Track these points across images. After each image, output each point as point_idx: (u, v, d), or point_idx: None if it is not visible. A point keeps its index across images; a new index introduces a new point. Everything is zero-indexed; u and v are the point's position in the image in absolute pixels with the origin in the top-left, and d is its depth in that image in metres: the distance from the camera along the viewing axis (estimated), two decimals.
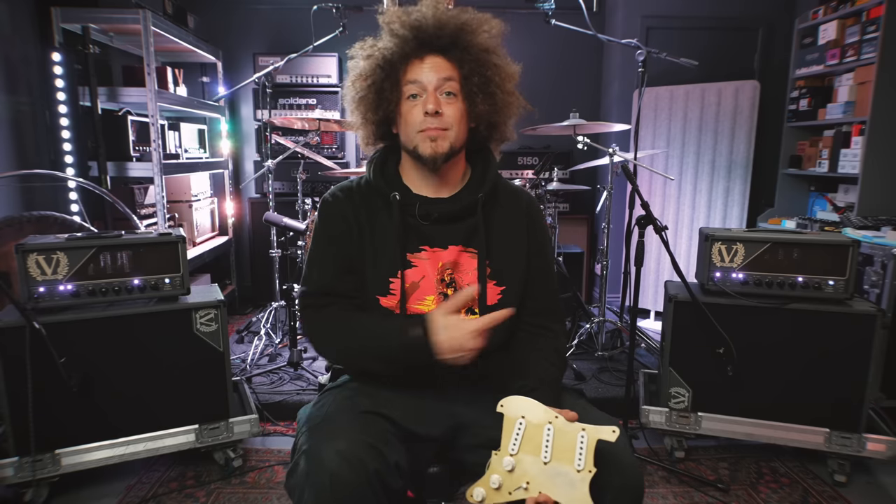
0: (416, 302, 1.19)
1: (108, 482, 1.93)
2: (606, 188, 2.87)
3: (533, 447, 0.98)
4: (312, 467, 0.96)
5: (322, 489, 0.93)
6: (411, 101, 1.17)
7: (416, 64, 1.17)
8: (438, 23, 1.16)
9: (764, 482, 1.99)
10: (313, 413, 1.16)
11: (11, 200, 2.59)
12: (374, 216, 1.21)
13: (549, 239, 1.39)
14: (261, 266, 3.78)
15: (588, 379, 2.64)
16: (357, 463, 0.95)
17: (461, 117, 1.17)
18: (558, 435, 0.97)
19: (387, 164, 1.26)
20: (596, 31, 2.70)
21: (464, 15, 1.18)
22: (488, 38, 1.20)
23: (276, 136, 3.15)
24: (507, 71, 1.21)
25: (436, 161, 1.16)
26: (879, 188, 2.81)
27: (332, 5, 2.82)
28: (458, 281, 1.21)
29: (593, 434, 0.95)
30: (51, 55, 2.59)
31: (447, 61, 1.17)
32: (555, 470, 0.96)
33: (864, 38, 2.85)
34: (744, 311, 1.95)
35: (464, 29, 1.17)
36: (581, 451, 0.95)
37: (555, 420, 0.98)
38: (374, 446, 0.99)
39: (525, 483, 0.97)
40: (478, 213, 1.20)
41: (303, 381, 2.58)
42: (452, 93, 1.16)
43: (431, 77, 1.15)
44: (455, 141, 1.17)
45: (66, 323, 1.71)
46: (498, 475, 0.98)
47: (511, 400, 1.01)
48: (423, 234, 1.20)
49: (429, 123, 1.14)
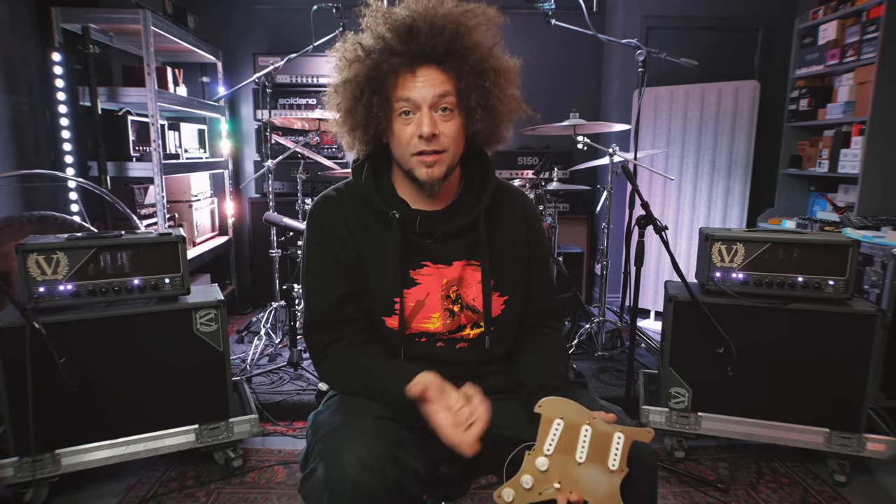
0: (422, 320, 1.16)
1: (108, 482, 1.93)
2: (606, 188, 2.87)
3: (569, 448, 0.99)
4: (333, 474, 0.93)
5: (343, 497, 0.91)
6: (403, 118, 1.07)
7: (407, 78, 1.06)
8: (432, 28, 1.04)
9: (764, 482, 1.99)
10: (328, 417, 1.10)
11: (11, 200, 2.59)
12: (370, 231, 1.14)
13: (546, 240, 1.37)
14: (261, 266, 3.78)
15: (588, 379, 2.64)
16: (378, 471, 0.92)
17: (458, 134, 1.09)
18: (595, 436, 0.98)
19: (379, 173, 1.19)
20: (596, 31, 2.70)
21: (456, 11, 1.07)
22: (485, 33, 1.09)
23: (276, 136, 3.15)
24: (507, 75, 1.12)
25: (433, 187, 1.10)
26: (879, 188, 2.81)
27: (332, 5, 2.82)
28: (464, 296, 1.18)
29: (630, 435, 0.97)
30: (51, 55, 2.59)
31: (442, 73, 1.06)
32: (588, 470, 0.97)
33: (864, 38, 2.85)
34: (744, 311, 1.95)
35: (459, 31, 1.06)
36: (617, 452, 0.96)
37: (593, 421, 0.99)
38: (394, 453, 0.96)
39: (557, 483, 0.98)
40: (480, 226, 1.16)
41: (303, 381, 2.58)
42: (449, 108, 1.07)
43: (426, 94, 1.05)
44: (453, 161, 1.11)
45: (66, 323, 1.71)
46: (530, 475, 0.98)
47: (550, 401, 1.01)
48: (424, 250, 1.16)
49: (424, 146, 1.06)
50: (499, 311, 1.19)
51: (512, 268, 1.21)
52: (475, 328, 1.19)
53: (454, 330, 1.18)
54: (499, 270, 1.19)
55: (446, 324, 1.17)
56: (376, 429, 1.01)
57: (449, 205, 1.19)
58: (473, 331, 1.19)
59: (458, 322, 1.18)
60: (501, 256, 1.20)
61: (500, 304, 1.19)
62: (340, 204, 1.17)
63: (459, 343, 1.19)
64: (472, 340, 1.19)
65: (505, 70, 1.12)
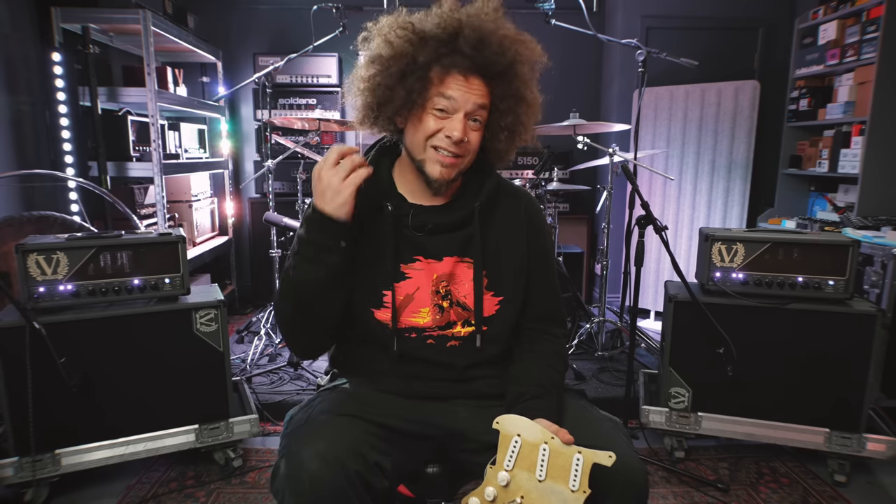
0: (411, 315, 1.16)
1: (108, 482, 1.93)
2: (606, 188, 2.87)
3: (528, 465, 0.98)
4: (292, 470, 0.95)
5: (302, 491, 0.92)
6: (436, 113, 1.07)
7: (457, 79, 1.06)
8: (500, 48, 1.07)
9: (764, 482, 1.99)
10: (297, 416, 1.13)
11: (11, 200, 2.59)
12: (364, 223, 1.14)
13: (551, 242, 1.36)
14: (261, 266, 3.78)
15: (588, 379, 2.64)
16: (336, 462, 0.94)
17: (476, 147, 1.12)
18: (553, 455, 0.97)
19: (380, 167, 1.19)
20: (596, 31, 2.70)
21: (518, 37, 1.10)
22: (531, 70, 1.13)
23: (276, 136, 3.15)
24: (535, 109, 1.16)
25: (441, 186, 1.11)
26: (879, 188, 2.81)
27: (332, 5, 2.82)
28: (454, 292, 1.17)
29: (589, 458, 0.95)
30: (51, 55, 2.59)
31: (486, 87, 1.09)
32: (549, 488, 0.96)
33: (864, 38, 2.85)
34: (744, 311, 1.95)
35: (517, 59, 1.09)
36: (576, 473, 0.95)
37: (550, 441, 0.98)
38: (354, 447, 0.98)
39: (519, 497, 0.98)
40: (474, 222, 1.16)
41: (303, 382, 2.58)
42: (479, 121, 1.10)
43: (469, 101, 1.07)
44: (465, 167, 1.13)
45: (66, 323, 1.71)
46: (493, 487, 0.99)
47: (507, 418, 1.01)
48: (417, 244, 1.16)
49: (448, 146, 1.08)
50: (492, 310, 1.18)
51: (509, 268, 1.20)
52: (466, 326, 1.18)
53: (444, 326, 1.17)
54: (494, 270, 1.18)
55: (435, 319, 1.16)
56: (337, 424, 1.04)
57: (445, 202, 1.19)
58: (465, 329, 1.18)
59: (448, 318, 1.17)
60: (498, 256, 1.19)
61: (495, 304, 1.18)
62: None
63: (450, 341, 1.17)
64: (464, 339, 1.18)
65: (536, 104, 1.16)
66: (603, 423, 1.11)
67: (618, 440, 1.04)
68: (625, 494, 0.99)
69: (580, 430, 1.02)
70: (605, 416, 1.15)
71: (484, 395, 1.18)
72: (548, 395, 1.11)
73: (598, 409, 1.17)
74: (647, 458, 2.10)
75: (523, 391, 1.12)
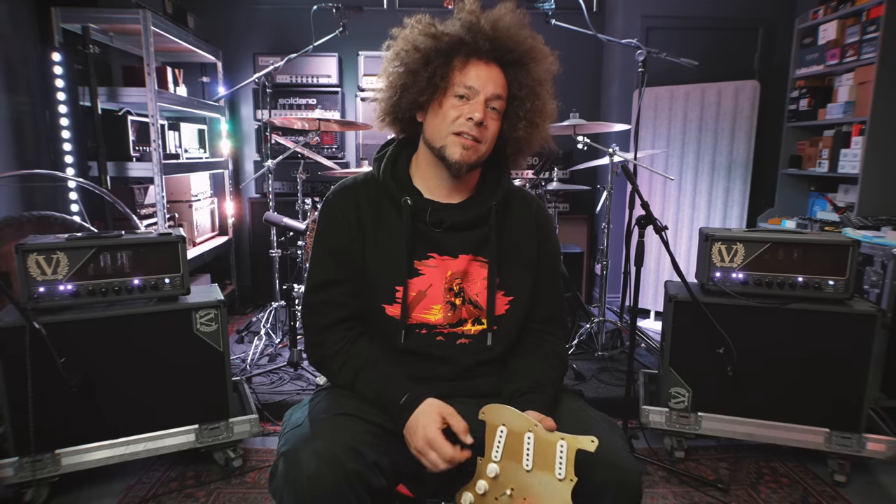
0: (423, 311, 1.18)
1: (108, 482, 1.93)
2: (606, 188, 2.87)
3: (515, 455, 0.99)
4: (290, 469, 0.96)
5: (300, 490, 0.93)
6: (456, 100, 1.14)
7: (478, 65, 1.14)
8: (517, 38, 1.15)
9: (764, 482, 1.99)
10: (296, 415, 1.15)
11: (11, 200, 2.59)
12: (381, 217, 1.19)
13: (558, 247, 1.38)
14: (261, 266, 3.78)
15: (588, 379, 2.64)
16: (334, 462, 0.94)
17: (495, 135, 1.17)
18: (539, 443, 0.98)
19: (398, 163, 1.24)
20: (596, 31, 2.70)
21: (532, 40, 1.18)
22: (546, 72, 1.19)
23: (276, 136, 3.15)
24: (550, 108, 1.21)
25: (461, 169, 1.15)
26: (879, 188, 2.81)
27: (332, 5, 2.82)
28: (467, 290, 1.20)
29: (573, 444, 0.95)
30: (51, 55, 2.59)
31: (504, 77, 1.16)
32: (537, 478, 0.97)
33: (864, 38, 2.85)
34: (744, 311, 1.95)
35: (531, 54, 1.16)
36: (561, 461, 0.95)
37: (534, 428, 0.99)
38: (352, 447, 0.98)
39: (509, 490, 0.99)
40: (490, 221, 1.19)
41: (303, 381, 2.58)
42: (497, 109, 1.15)
43: (488, 87, 1.13)
44: (483, 156, 1.17)
45: (66, 323, 1.71)
46: (484, 481, 1.00)
47: (492, 408, 1.02)
48: (432, 240, 1.19)
49: (468, 128, 1.12)
50: (503, 310, 1.20)
51: (520, 270, 1.23)
52: (476, 324, 1.20)
53: (455, 323, 1.19)
54: (506, 270, 1.21)
55: (447, 316, 1.19)
56: (335, 424, 1.05)
57: (464, 200, 1.22)
58: (475, 327, 1.20)
59: (459, 316, 1.20)
60: (510, 257, 1.22)
61: (505, 304, 1.21)
62: (354, 191, 1.22)
63: (460, 339, 1.20)
64: (474, 337, 1.20)
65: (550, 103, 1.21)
66: (599, 423, 1.12)
67: (613, 440, 1.04)
68: (619, 495, 0.99)
69: (575, 429, 1.02)
70: (602, 416, 1.16)
71: (485, 393, 1.19)
72: (541, 390, 1.13)
73: (594, 410, 1.18)
74: (647, 458, 2.10)
75: (518, 387, 1.14)
